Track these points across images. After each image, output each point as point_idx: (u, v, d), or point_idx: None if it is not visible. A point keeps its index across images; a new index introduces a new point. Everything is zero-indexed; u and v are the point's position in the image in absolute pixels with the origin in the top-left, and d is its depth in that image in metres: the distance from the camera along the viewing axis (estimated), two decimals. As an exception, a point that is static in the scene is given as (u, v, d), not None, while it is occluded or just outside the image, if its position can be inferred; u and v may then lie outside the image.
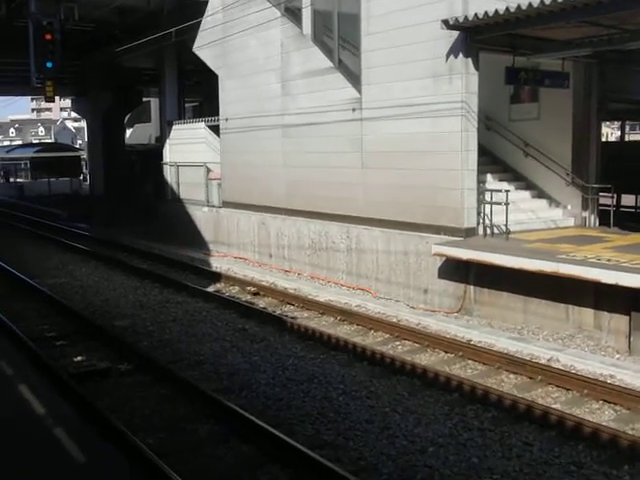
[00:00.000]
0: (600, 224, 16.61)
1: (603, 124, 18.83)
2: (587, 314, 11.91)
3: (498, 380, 10.34)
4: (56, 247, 24.89)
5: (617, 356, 11.13)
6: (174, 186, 25.60)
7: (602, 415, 8.98)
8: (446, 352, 11.66)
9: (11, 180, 48.29)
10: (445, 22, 13.49)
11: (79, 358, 11.62)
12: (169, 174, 26.03)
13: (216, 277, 18.33)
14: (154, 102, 37.29)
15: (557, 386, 9.89)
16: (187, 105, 32.93)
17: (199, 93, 34.15)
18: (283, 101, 19.13)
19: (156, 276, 18.50)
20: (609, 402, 9.26)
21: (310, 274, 18.10)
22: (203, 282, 17.74)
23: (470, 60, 13.93)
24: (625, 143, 22.74)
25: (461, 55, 13.90)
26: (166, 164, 26.27)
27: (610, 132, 43.57)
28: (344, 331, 13.21)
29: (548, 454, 7.77)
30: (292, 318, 13.88)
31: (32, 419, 7.60)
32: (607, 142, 23.56)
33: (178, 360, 11.40)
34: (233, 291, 16.93)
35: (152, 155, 29.45)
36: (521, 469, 7.41)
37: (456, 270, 14.03)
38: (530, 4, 12.03)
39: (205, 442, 8.24)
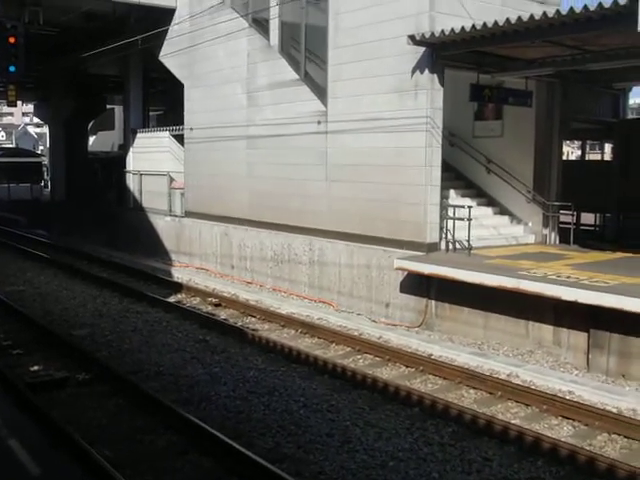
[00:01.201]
0: (560, 242, 16.81)
1: (564, 143, 19.07)
2: (547, 330, 12.02)
3: (458, 395, 10.37)
4: (15, 254, 24.50)
5: (576, 372, 11.25)
6: (137, 194, 25.40)
7: (561, 431, 9.05)
8: (407, 366, 11.67)
9: (-31, 184, 47.41)
10: (412, 37, 13.59)
11: (36, 367, 11.41)
12: (132, 182, 25.81)
13: (177, 287, 18.18)
14: (118, 109, 36.96)
15: (517, 401, 9.95)
16: (151, 113, 32.75)
17: (164, 102, 33.91)
18: (249, 112, 19.10)
19: (116, 285, 18.28)
20: (568, 418, 9.33)
21: (272, 286, 18.03)
22: (164, 292, 17.58)
23: (436, 76, 14.05)
24: (585, 162, 23.06)
25: (427, 71, 14.01)
26: (129, 172, 26.05)
27: (570, 151, 44.18)
28: (305, 344, 13.17)
29: (507, 469, 7.79)
30: (253, 330, 13.82)
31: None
32: (568, 161, 23.84)
33: (137, 370, 11.26)
34: (194, 302, 16.79)
35: (115, 163, 29.19)
36: (481, 484, 7.43)
37: (418, 285, 14.08)
38: (496, 22, 12.18)
39: (163, 454, 8.13)
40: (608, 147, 27.01)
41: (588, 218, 20.57)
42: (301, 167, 17.22)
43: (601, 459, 7.77)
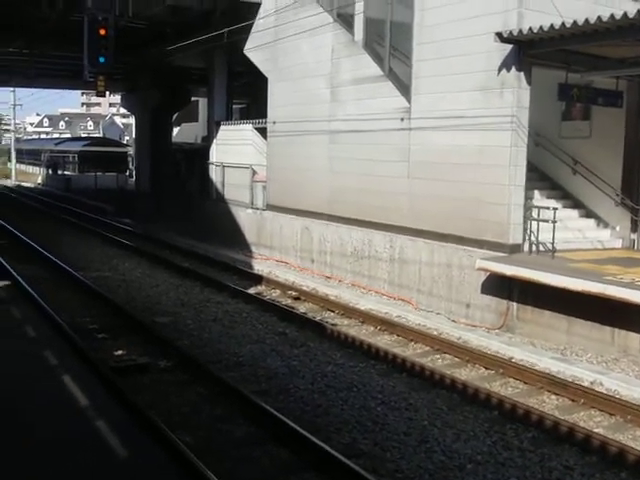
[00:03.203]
0: (649, 247, 16.34)
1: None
2: (633, 338, 11.70)
3: (539, 400, 10.21)
4: (101, 241, 25.24)
5: (662, 383, 10.94)
6: (219, 186, 25.78)
7: (645, 442, 8.85)
8: (487, 368, 11.55)
9: (59, 172, 49.01)
10: (499, 35, 13.39)
11: (119, 352, 11.76)
12: (215, 174, 26.21)
13: (257, 279, 18.40)
14: (202, 102, 37.55)
15: (600, 410, 9.73)
16: (235, 106, 33.13)
17: (247, 95, 34.34)
18: (331, 107, 19.16)
19: (198, 275, 18.63)
20: (654, 429, 9.11)
21: (351, 281, 18.07)
22: (244, 283, 17.82)
23: (522, 74, 13.80)
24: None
25: (514, 69, 13.78)
26: (212, 164, 26.46)
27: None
28: (384, 341, 13.17)
29: (590, 479, 7.65)
30: (332, 325, 13.88)
31: (74, 408, 7.67)
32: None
33: (217, 360, 11.46)
34: (274, 294, 16.98)
35: (198, 154, 29.68)
36: (561, 492, 7.32)
37: (499, 286, 13.90)
38: (587, 20, 11.89)
39: (241, 443, 8.27)
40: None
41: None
42: (383, 163, 17.18)
43: (688, 473, 7.57)
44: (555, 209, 14.23)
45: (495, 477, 7.62)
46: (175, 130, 42.16)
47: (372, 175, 17.54)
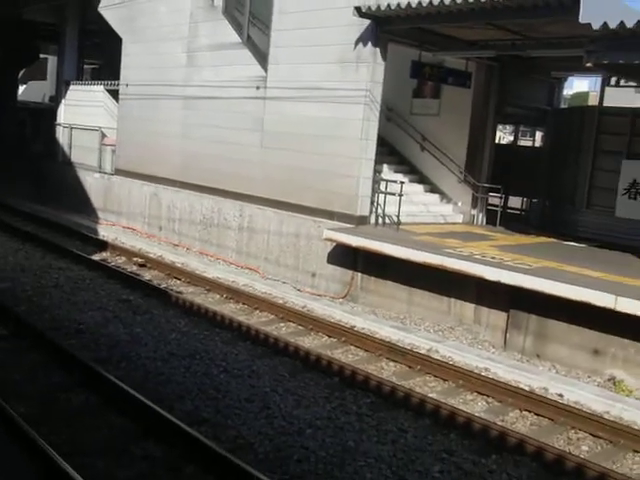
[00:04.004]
0: (487, 223, 17.16)
1: (498, 127, 19.40)
2: (468, 308, 12.28)
3: (378, 367, 10.52)
4: None
5: (493, 350, 11.54)
6: (66, 148, 24.75)
7: (475, 406, 9.28)
8: (329, 336, 11.76)
9: None
10: (357, 9, 13.53)
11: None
12: (62, 136, 25.14)
13: (103, 245, 17.86)
14: (52, 60, 35.80)
15: (435, 376, 10.15)
16: (86, 67, 31.83)
17: (100, 55, 32.99)
18: (187, 72, 18.78)
19: (40, 240, 17.83)
20: (482, 394, 9.57)
21: (199, 250, 17.90)
22: (89, 249, 17.25)
23: (378, 50, 14.04)
24: (517, 147, 23.48)
25: (370, 44, 13.99)
26: (60, 125, 25.37)
27: (502, 136, 44.93)
28: (229, 309, 13.14)
29: (422, 441, 7.95)
30: (178, 292, 13.70)
31: None
32: (500, 144, 24.26)
33: (57, 327, 11.04)
34: (119, 261, 16.54)
35: (45, 114, 28.32)
36: (395, 454, 7.54)
37: (345, 256, 14.17)
38: (441, 1, 12.21)
39: (80, 413, 8.00)
40: (539, 134, 27.57)
41: (516, 202, 21.01)
42: (237, 131, 17.04)
43: (512, 434, 8.01)
44: (402, 183, 14.65)
45: (333, 441, 7.78)
46: (21, 88, 40.02)
47: (226, 143, 17.37)
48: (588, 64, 11.19)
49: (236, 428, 7.92)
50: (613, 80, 17.27)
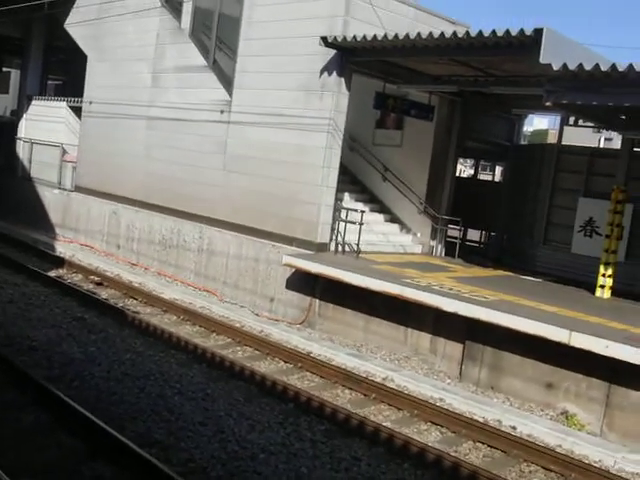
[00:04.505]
0: (446, 254, 17.32)
1: (459, 160, 19.68)
2: (424, 338, 12.35)
3: (334, 394, 10.52)
4: None
5: (448, 381, 11.60)
6: (26, 163, 24.51)
7: (429, 436, 9.32)
8: (286, 362, 11.74)
9: None
10: (324, 39, 13.71)
11: None
12: (22, 150, 24.89)
13: (59, 262, 17.66)
14: (15, 73, 35.44)
15: (389, 405, 10.19)
16: (50, 82, 31.58)
17: (64, 72, 32.77)
18: (152, 93, 18.77)
19: (-5, 254, 17.58)
20: (436, 424, 9.62)
21: (158, 270, 17.79)
22: (45, 266, 17.03)
23: (343, 80, 14.21)
24: (476, 181, 23.81)
25: (335, 73, 14.15)
26: (20, 139, 25.10)
27: (462, 169, 45.55)
28: (186, 331, 13.06)
29: (375, 469, 7.96)
30: (134, 312, 13.60)
31: None
32: (460, 178, 24.58)
33: (9, 344, 10.85)
34: (75, 279, 16.37)
35: (6, 128, 28.01)
36: (347, 482, 7.56)
37: (304, 282, 14.18)
38: (407, 35, 12.44)
39: (30, 431, 7.86)
40: (499, 169, 27.99)
41: (474, 234, 21.26)
42: (200, 154, 17.04)
43: (465, 465, 8.05)
44: (363, 212, 14.76)
45: (286, 467, 7.75)
46: (-18, 101, 39.54)
47: (188, 165, 17.35)
48: (547, 103, 11.43)
49: (189, 451, 7.85)
50: (572, 119, 17.63)
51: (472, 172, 28.09)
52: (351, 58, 14.07)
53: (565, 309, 11.57)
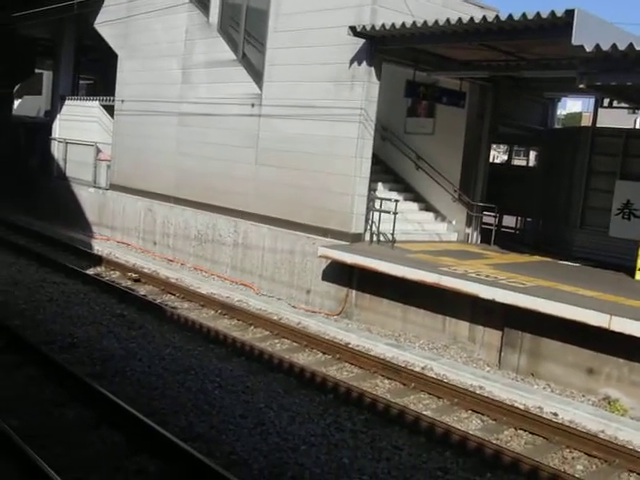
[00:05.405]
0: (482, 241, 17.21)
1: (492, 146, 19.52)
2: (463, 327, 12.29)
3: (373, 384, 10.50)
4: None
5: (487, 369, 11.54)
6: (61, 163, 24.79)
7: (470, 424, 9.27)
8: (324, 353, 11.76)
9: None
10: (352, 29, 13.64)
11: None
12: (57, 150, 25.19)
13: (97, 260, 17.84)
14: (47, 74, 35.86)
15: (429, 394, 10.15)
16: (82, 82, 31.94)
17: (96, 71, 33.10)
18: (182, 89, 18.86)
19: (34, 254, 17.81)
20: (477, 412, 9.57)
21: (194, 265, 17.90)
22: (83, 264, 17.23)
23: (373, 69, 14.13)
24: (511, 167, 23.60)
25: (365, 63, 14.08)
26: (54, 140, 25.41)
27: (496, 155, 45.15)
28: (224, 325, 13.13)
29: (417, 459, 7.94)
30: (172, 308, 13.69)
31: None
32: (494, 164, 24.38)
33: (50, 341, 11.00)
34: (113, 276, 16.53)
35: (40, 129, 28.34)
36: (389, 472, 7.53)
37: (340, 273, 14.18)
38: (436, 22, 12.33)
39: (73, 427, 7.97)
40: (533, 154, 27.72)
41: (510, 221, 21.09)
42: (231, 148, 17.10)
43: (506, 452, 8.00)
44: (397, 201, 14.71)
45: (328, 457, 7.76)
46: (16, 103, 40.06)
47: (220, 159, 17.42)
48: (581, 85, 11.29)
49: (230, 444, 7.90)
50: (606, 101, 17.38)
51: (506, 158, 27.81)
52: (380, 47, 13.98)
53: (604, 293, 11.44)
